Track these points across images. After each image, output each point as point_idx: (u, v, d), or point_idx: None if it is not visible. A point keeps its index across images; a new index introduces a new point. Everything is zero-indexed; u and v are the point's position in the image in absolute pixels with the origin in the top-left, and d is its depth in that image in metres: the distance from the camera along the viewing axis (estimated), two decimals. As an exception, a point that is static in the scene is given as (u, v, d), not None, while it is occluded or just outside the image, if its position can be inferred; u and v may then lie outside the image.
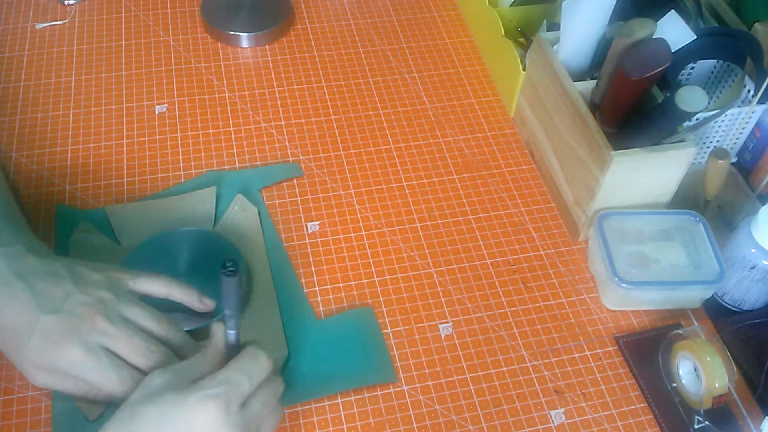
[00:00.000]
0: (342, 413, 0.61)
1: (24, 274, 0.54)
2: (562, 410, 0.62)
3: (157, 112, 0.83)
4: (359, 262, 0.71)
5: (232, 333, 0.55)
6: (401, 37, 0.95)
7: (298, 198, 0.76)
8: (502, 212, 0.76)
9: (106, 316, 0.54)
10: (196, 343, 0.59)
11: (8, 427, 0.58)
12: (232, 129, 0.82)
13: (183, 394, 0.48)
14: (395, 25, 0.97)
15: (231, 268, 0.53)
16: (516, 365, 0.65)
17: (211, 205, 0.73)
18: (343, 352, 0.64)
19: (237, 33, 0.91)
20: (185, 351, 0.58)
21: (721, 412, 0.61)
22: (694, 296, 0.68)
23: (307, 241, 0.72)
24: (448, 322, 0.67)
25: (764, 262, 0.64)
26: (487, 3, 0.89)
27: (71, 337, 0.52)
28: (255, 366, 0.52)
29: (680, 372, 0.63)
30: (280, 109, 0.85)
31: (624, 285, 0.65)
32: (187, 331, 0.61)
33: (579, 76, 0.75)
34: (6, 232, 0.58)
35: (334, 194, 0.77)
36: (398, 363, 0.64)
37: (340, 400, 0.62)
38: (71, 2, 0.95)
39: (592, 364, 0.66)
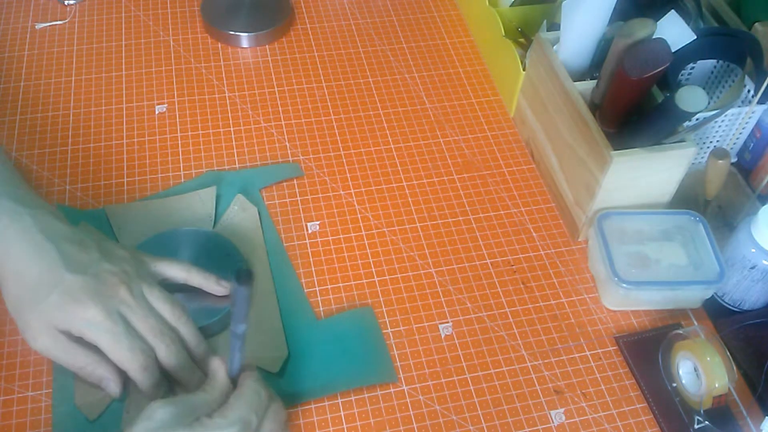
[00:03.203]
0: (342, 413, 0.61)
1: (52, 237, 0.55)
2: (562, 410, 0.62)
3: (157, 112, 0.83)
4: (359, 262, 0.71)
5: (236, 359, 0.53)
6: (401, 37, 0.95)
7: (298, 198, 0.76)
8: (502, 212, 0.76)
9: (129, 288, 0.55)
10: (204, 341, 0.59)
11: (8, 427, 0.58)
12: (232, 129, 0.82)
13: (196, 429, 0.48)
14: (395, 25, 0.97)
15: (245, 277, 0.48)
16: (516, 365, 0.65)
17: (211, 205, 0.73)
18: (343, 352, 0.64)
19: (237, 33, 0.91)
20: (192, 344, 0.58)
21: (721, 412, 0.61)
22: (694, 296, 0.68)
23: (307, 241, 0.72)
24: (448, 322, 0.67)
25: (764, 262, 0.64)
26: (487, 3, 0.89)
27: (94, 298, 0.53)
28: (258, 401, 0.51)
29: (680, 372, 0.63)
30: (280, 109, 0.85)
31: (624, 285, 0.65)
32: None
33: (579, 76, 0.75)
34: (29, 197, 0.59)
35: (334, 194, 0.77)
36: (398, 363, 0.64)
37: (340, 400, 0.62)
38: (71, 2, 0.95)
39: (592, 364, 0.66)
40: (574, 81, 0.72)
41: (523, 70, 0.81)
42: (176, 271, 0.61)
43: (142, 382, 0.55)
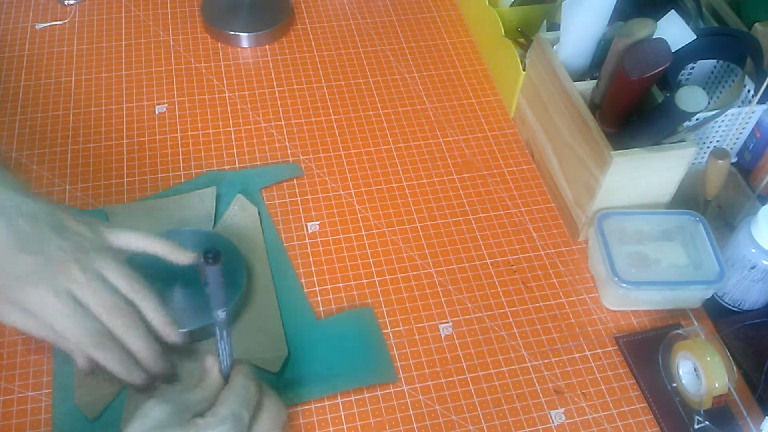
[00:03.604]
0: (342, 413, 0.61)
1: (4, 211, 0.54)
2: (562, 410, 0.62)
3: (157, 112, 0.83)
4: (359, 262, 0.71)
5: (224, 352, 0.53)
6: (401, 37, 0.95)
7: (298, 198, 0.76)
8: (502, 212, 0.76)
9: (80, 264, 0.54)
10: (166, 314, 0.57)
11: (8, 427, 0.58)
12: (232, 129, 0.82)
13: (190, 430, 0.48)
14: (395, 25, 0.97)
15: (213, 256, 0.49)
16: (516, 365, 0.65)
17: (211, 205, 0.73)
18: (343, 352, 0.64)
19: (237, 33, 0.91)
20: (150, 317, 0.57)
21: (721, 412, 0.61)
22: (694, 296, 0.68)
23: (307, 241, 0.72)
24: (448, 322, 0.67)
25: (764, 262, 0.64)
26: (487, 3, 0.89)
27: (43, 279, 0.52)
28: (247, 395, 0.51)
29: (680, 372, 0.63)
30: (280, 109, 0.85)
31: (624, 285, 0.65)
32: (188, 332, 0.61)
33: (579, 76, 0.75)
34: None
35: (334, 194, 0.77)
36: (398, 363, 0.64)
37: (340, 400, 0.62)
38: (71, 2, 0.95)
39: (592, 364, 0.66)
40: (574, 81, 0.72)
41: (523, 70, 0.81)
42: (132, 240, 0.58)
43: (103, 361, 0.54)
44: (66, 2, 0.94)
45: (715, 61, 0.81)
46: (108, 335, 0.54)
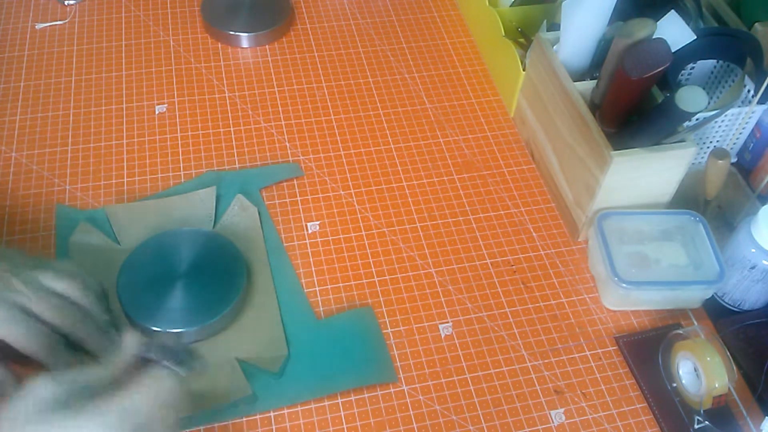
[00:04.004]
0: (342, 413, 0.61)
1: None
2: (562, 410, 0.62)
3: (157, 112, 0.83)
4: (359, 262, 0.71)
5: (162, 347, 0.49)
6: (401, 37, 0.95)
7: (298, 198, 0.76)
8: (502, 212, 0.76)
9: (19, 277, 0.54)
10: (109, 309, 0.57)
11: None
12: (232, 129, 0.82)
13: (71, 416, 0.43)
14: (395, 25, 0.97)
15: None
16: (516, 365, 0.65)
17: (211, 205, 0.73)
18: (343, 352, 0.64)
19: (237, 33, 0.91)
20: (96, 314, 0.56)
21: (721, 412, 0.61)
22: (694, 296, 0.68)
23: (307, 241, 0.72)
24: (448, 322, 0.67)
25: (764, 262, 0.64)
26: (487, 3, 0.89)
27: None
28: (158, 392, 0.47)
29: (680, 372, 0.63)
30: (280, 109, 0.85)
31: (624, 285, 0.65)
32: (188, 332, 0.61)
33: (579, 76, 0.75)
34: None
35: (334, 194, 0.77)
36: (398, 363, 0.64)
37: (340, 400, 0.62)
38: (71, 2, 0.95)
39: (592, 364, 0.66)
40: (574, 81, 0.72)
41: (523, 70, 0.81)
42: (50, 280, 0.57)
43: (55, 365, 0.53)
44: (66, 2, 0.94)
45: (715, 61, 0.81)
46: (58, 340, 0.54)
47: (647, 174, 0.69)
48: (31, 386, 0.45)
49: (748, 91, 0.76)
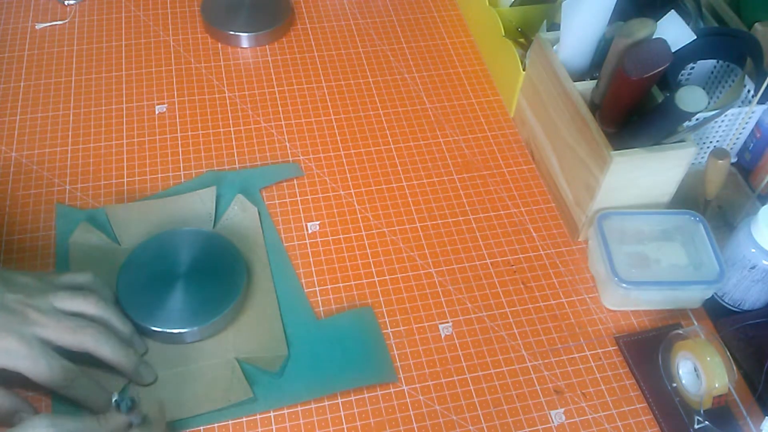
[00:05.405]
0: (342, 413, 0.61)
1: None
2: (562, 410, 0.62)
3: (157, 112, 0.83)
4: (359, 262, 0.71)
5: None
6: (401, 37, 0.95)
7: (298, 198, 0.76)
8: (502, 212, 0.76)
9: (37, 308, 0.55)
10: (128, 323, 0.60)
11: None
12: (232, 129, 0.82)
13: None
14: (395, 25, 0.97)
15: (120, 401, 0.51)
16: (516, 365, 0.65)
17: (211, 205, 0.73)
18: (343, 352, 0.64)
19: (237, 33, 0.91)
20: (118, 326, 0.59)
21: (721, 412, 0.61)
22: (694, 296, 0.68)
23: (307, 241, 0.72)
24: (448, 322, 0.67)
25: (764, 262, 0.64)
26: (487, 3, 0.89)
27: (6, 328, 0.53)
28: None
29: (680, 372, 0.63)
30: (280, 109, 0.85)
31: (624, 285, 0.65)
32: (188, 332, 0.61)
33: (579, 76, 0.75)
34: None
35: (334, 194, 0.77)
36: (398, 363, 0.64)
37: (340, 400, 0.62)
38: (71, 2, 0.95)
39: (592, 364, 0.66)
40: (574, 81, 0.72)
41: (523, 70, 0.81)
42: (78, 278, 0.61)
43: (75, 397, 0.56)
44: (66, 2, 0.94)
45: (715, 61, 0.81)
46: (78, 373, 0.55)
47: (647, 174, 0.69)
48: (29, 425, 0.48)
49: (748, 91, 0.76)
